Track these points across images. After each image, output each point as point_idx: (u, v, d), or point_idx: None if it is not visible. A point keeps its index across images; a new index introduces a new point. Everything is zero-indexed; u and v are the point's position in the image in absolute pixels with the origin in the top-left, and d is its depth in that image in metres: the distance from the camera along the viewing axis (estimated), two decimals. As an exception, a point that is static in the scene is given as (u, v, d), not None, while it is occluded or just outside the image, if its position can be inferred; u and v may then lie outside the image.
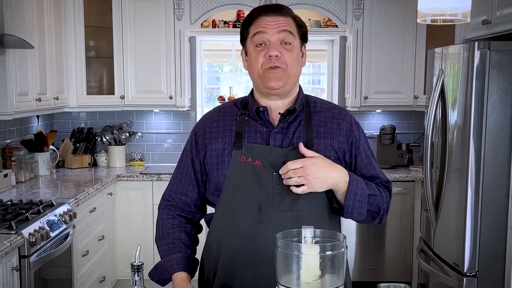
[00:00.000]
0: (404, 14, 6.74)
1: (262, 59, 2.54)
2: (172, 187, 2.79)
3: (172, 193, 2.77)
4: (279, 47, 2.52)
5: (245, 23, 2.63)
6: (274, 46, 2.52)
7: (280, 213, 2.51)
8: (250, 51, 2.61)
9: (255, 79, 2.62)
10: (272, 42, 2.52)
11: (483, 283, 4.42)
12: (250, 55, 2.62)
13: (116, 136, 7.18)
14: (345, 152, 2.64)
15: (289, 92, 2.64)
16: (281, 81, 2.54)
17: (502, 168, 4.31)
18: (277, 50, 2.51)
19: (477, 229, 4.40)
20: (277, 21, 2.53)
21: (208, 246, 2.68)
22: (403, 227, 6.63)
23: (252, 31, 2.58)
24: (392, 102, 6.93)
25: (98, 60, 7.04)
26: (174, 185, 2.78)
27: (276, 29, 2.52)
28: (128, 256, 6.51)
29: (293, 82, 2.63)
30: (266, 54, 2.52)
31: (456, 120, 4.56)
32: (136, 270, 1.94)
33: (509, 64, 4.25)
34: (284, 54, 2.52)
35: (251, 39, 2.59)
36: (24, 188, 5.66)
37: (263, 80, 2.56)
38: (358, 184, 2.49)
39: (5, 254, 3.68)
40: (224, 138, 2.64)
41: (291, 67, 2.56)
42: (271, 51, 2.51)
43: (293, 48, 2.56)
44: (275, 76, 2.53)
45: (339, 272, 2.05)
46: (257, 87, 2.66)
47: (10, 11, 4.89)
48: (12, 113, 4.98)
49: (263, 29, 2.53)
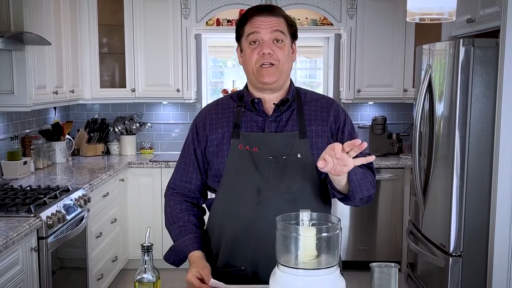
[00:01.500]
0: (394, 13, 6.72)
1: (256, 57, 2.58)
2: (177, 176, 2.80)
3: (177, 181, 2.79)
4: (271, 45, 2.56)
5: (240, 22, 2.67)
6: (267, 44, 2.56)
7: (277, 196, 2.53)
8: (245, 48, 2.65)
9: (250, 75, 2.66)
10: (265, 41, 2.56)
11: (467, 262, 4.43)
12: (245, 52, 2.65)
13: (127, 126, 7.19)
14: (333, 134, 2.67)
15: (281, 86, 2.67)
16: (274, 77, 2.58)
17: (485, 155, 4.31)
18: (269, 48, 2.55)
19: (462, 212, 4.40)
20: (269, 21, 2.57)
21: (210, 229, 2.70)
22: (393, 211, 6.63)
23: (247, 31, 2.61)
24: (383, 95, 6.92)
25: (110, 55, 7.03)
26: (178, 174, 2.80)
27: (269, 29, 2.56)
28: (138, 237, 6.52)
29: (285, 77, 2.67)
30: (259, 52, 2.56)
31: (443, 111, 4.56)
32: (146, 251, 1.94)
33: (492, 60, 4.24)
34: (276, 51, 2.56)
35: (246, 37, 2.62)
36: (42, 175, 5.66)
37: (257, 76, 2.60)
38: (355, 169, 2.43)
39: (24, 236, 3.69)
40: (223, 128, 2.66)
41: (283, 64, 2.60)
42: (264, 49, 2.55)
43: (285, 46, 2.60)
44: (268, 73, 2.57)
45: (334, 252, 2.05)
46: (251, 82, 2.69)
47: (29, 10, 4.89)
48: (31, 105, 4.97)
49: (257, 29, 2.57)
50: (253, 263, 2.55)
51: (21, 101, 4.91)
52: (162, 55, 6.85)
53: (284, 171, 2.53)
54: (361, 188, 2.47)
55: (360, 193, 2.48)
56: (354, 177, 2.43)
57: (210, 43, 7.69)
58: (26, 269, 3.79)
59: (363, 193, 2.49)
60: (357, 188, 2.46)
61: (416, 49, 5.59)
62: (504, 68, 4.03)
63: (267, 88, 2.63)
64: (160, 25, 6.80)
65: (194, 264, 2.53)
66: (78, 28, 6.39)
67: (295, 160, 2.55)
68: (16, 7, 4.78)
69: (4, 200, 4.25)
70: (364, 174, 2.54)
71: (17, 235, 3.56)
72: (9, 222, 3.77)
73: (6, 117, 5.45)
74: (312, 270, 2.01)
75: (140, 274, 1.93)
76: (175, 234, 2.69)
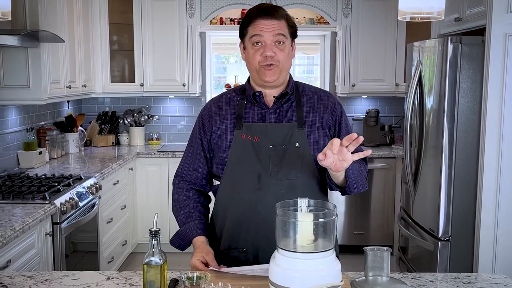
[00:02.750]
0: (387, 12, 6.71)
1: (259, 58, 2.58)
2: (184, 165, 2.80)
3: (185, 170, 2.79)
4: (273, 47, 2.57)
5: (244, 23, 2.66)
6: (269, 47, 2.57)
7: (276, 182, 2.54)
8: (248, 48, 2.65)
9: (252, 72, 2.67)
10: (267, 44, 2.57)
11: (455, 246, 4.43)
12: (248, 51, 2.65)
13: (136, 118, 7.18)
14: (330, 126, 2.69)
15: (281, 83, 2.68)
16: (275, 76, 2.60)
17: (472, 146, 4.30)
18: (271, 50, 2.56)
19: (450, 199, 4.40)
20: (272, 25, 2.57)
21: (215, 213, 2.71)
22: (385, 198, 6.63)
23: (251, 32, 2.61)
24: (376, 89, 6.92)
25: (120, 52, 7.02)
26: (186, 163, 2.79)
27: (271, 33, 2.56)
28: (146, 222, 6.54)
29: (285, 74, 2.68)
30: (262, 53, 2.57)
31: (432, 104, 4.55)
32: (154, 235, 1.94)
33: (478, 56, 4.23)
34: (277, 53, 2.57)
35: (249, 38, 2.62)
36: (56, 164, 5.66)
37: (260, 75, 2.61)
38: (352, 166, 2.47)
39: (40, 221, 3.69)
40: (227, 120, 2.67)
41: (283, 64, 2.61)
42: (267, 52, 2.56)
43: (285, 47, 2.61)
44: (270, 73, 2.59)
45: (330, 236, 2.06)
46: (253, 78, 2.70)
47: (44, 10, 4.88)
48: (46, 98, 4.97)
49: (260, 32, 2.57)
50: (254, 245, 2.55)
51: (36, 95, 4.91)
52: (169, 52, 6.85)
53: (283, 159, 2.54)
54: (357, 184, 2.55)
55: (356, 188, 2.56)
56: (351, 173, 2.49)
57: (213, 40, 7.68)
58: (41, 252, 3.79)
59: (358, 189, 2.57)
60: (353, 184, 2.54)
61: (407, 46, 5.58)
62: (489, 64, 4.04)
63: (268, 85, 2.64)
64: (167, 23, 6.79)
65: (199, 249, 2.54)
66: (90, 26, 6.39)
67: (294, 149, 2.56)
68: (32, 6, 4.78)
69: (21, 188, 4.25)
70: (359, 170, 2.58)
71: (33, 220, 3.56)
72: (25, 208, 3.77)
73: (22, 110, 5.45)
74: (309, 254, 2.01)
75: (148, 257, 1.93)
76: (181, 219, 2.70)
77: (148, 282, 1.91)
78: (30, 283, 2.35)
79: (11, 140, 5.22)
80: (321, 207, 2.13)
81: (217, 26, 7.10)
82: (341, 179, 2.50)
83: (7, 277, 2.42)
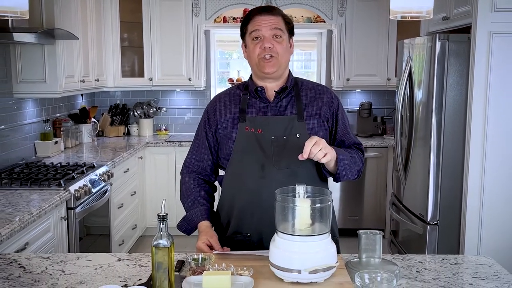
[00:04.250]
0: (379, 12, 6.70)
1: (258, 50, 2.59)
2: (191, 156, 2.81)
3: (192, 161, 2.79)
4: (271, 40, 2.58)
5: (244, 22, 2.68)
6: (268, 39, 2.58)
7: (279, 171, 2.53)
8: (248, 44, 2.66)
9: (253, 66, 2.67)
10: (266, 37, 2.58)
11: (443, 229, 4.43)
12: (248, 47, 2.66)
13: (145, 110, 7.17)
14: (328, 118, 2.69)
15: (281, 75, 2.67)
16: (274, 68, 2.60)
17: (458, 136, 4.30)
18: (270, 42, 2.57)
19: (438, 186, 4.40)
20: (269, 20, 2.59)
21: (222, 200, 2.71)
22: (378, 185, 6.63)
23: (250, 29, 2.63)
24: (369, 83, 6.91)
25: (130, 49, 7.01)
26: (193, 154, 2.80)
27: (269, 27, 2.58)
28: (155, 208, 6.54)
29: (284, 67, 2.67)
30: (261, 46, 2.58)
31: (421, 97, 4.54)
32: (162, 219, 1.94)
33: (464, 52, 4.23)
34: (275, 45, 2.58)
35: (249, 34, 2.64)
36: (71, 153, 5.65)
37: (260, 67, 2.61)
38: (344, 155, 2.52)
39: (55, 206, 3.69)
40: (231, 114, 2.67)
41: (282, 56, 2.61)
42: (265, 44, 2.57)
43: (283, 40, 2.61)
44: (269, 64, 2.58)
45: (326, 221, 2.06)
46: (255, 72, 2.70)
47: (59, 9, 4.88)
48: (61, 92, 4.97)
49: (258, 27, 2.59)
50: (258, 230, 2.55)
51: (52, 89, 4.92)
52: (176, 48, 6.84)
53: (284, 149, 2.54)
54: (346, 172, 2.56)
55: (345, 176, 2.57)
56: (341, 162, 2.50)
57: (217, 37, 7.66)
58: (56, 235, 3.79)
59: (347, 177, 2.58)
60: (343, 172, 2.55)
61: (398, 43, 5.58)
62: (475, 60, 4.04)
63: (268, 77, 2.64)
64: (174, 22, 6.78)
65: (203, 232, 2.55)
66: (102, 25, 6.39)
67: (295, 139, 2.55)
68: (48, 6, 4.79)
69: (38, 175, 4.25)
70: (352, 159, 2.58)
71: (49, 206, 3.56)
72: (41, 194, 3.77)
73: (39, 102, 5.44)
74: (307, 237, 2.02)
75: (157, 240, 1.92)
76: (187, 206, 2.71)
77: (157, 263, 1.91)
78: (46, 264, 2.35)
79: (28, 130, 5.22)
80: (318, 193, 2.13)
81: (221, 24, 7.09)
82: (331, 167, 2.52)
83: (25, 259, 2.42)
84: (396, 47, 6.45)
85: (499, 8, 3.97)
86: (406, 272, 2.26)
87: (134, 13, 6.81)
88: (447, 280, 2.19)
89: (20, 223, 3.13)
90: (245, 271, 2.09)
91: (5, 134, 4.77)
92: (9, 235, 3.00)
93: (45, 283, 2.13)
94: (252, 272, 2.08)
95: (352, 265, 2.23)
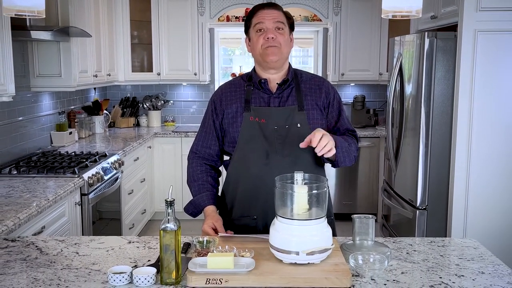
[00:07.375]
0: (372, 11, 6.69)
1: (262, 41, 2.59)
2: (198, 143, 2.79)
3: (199, 147, 2.77)
4: (274, 31, 2.58)
5: (248, 16, 2.69)
6: (271, 31, 2.58)
7: (281, 158, 2.53)
8: (252, 36, 2.66)
9: (257, 56, 2.66)
10: (269, 28, 2.58)
11: (431, 214, 4.43)
12: (252, 39, 2.66)
13: (154, 103, 7.17)
14: (325, 107, 2.68)
15: (282, 65, 2.67)
16: (277, 56, 2.59)
17: (446, 127, 4.29)
18: (272, 33, 2.57)
19: (427, 173, 4.40)
20: (272, 14, 2.61)
21: (227, 184, 2.71)
22: (371, 172, 6.63)
23: (254, 21, 2.63)
24: (363, 78, 6.91)
25: (140, 46, 7.00)
26: (200, 141, 2.78)
27: (272, 20, 2.59)
28: (163, 194, 6.54)
29: (285, 58, 2.67)
30: (265, 36, 2.58)
31: (411, 91, 4.53)
32: (169, 205, 1.94)
33: (451, 49, 4.22)
34: (278, 36, 2.58)
35: (253, 27, 2.64)
36: (84, 143, 5.65)
37: (263, 56, 2.60)
38: (342, 143, 2.51)
39: (70, 193, 3.69)
40: (236, 103, 2.66)
41: (283, 46, 2.61)
42: (268, 34, 2.57)
43: (284, 32, 2.62)
44: (272, 52, 2.58)
45: (322, 206, 2.05)
46: (258, 62, 2.69)
47: (74, 9, 4.88)
48: (75, 86, 4.98)
49: (262, 20, 2.60)
50: (263, 213, 2.55)
51: (67, 83, 4.92)
52: (182, 45, 6.83)
53: (286, 138, 2.54)
54: (344, 159, 2.54)
55: (343, 163, 2.55)
56: (339, 149, 2.47)
57: (221, 35, 7.65)
58: (71, 219, 3.79)
59: (345, 163, 2.56)
60: (341, 158, 2.52)
61: (389, 40, 5.58)
62: (461, 56, 4.05)
63: (271, 66, 2.63)
64: (180, 20, 6.77)
65: (209, 216, 2.55)
66: (113, 23, 6.38)
67: (296, 128, 2.55)
68: (63, 5, 4.81)
69: (53, 164, 4.25)
70: (349, 147, 2.56)
71: (64, 192, 3.56)
72: (57, 181, 3.77)
73: (55, 95, 5.44)
74: (304, 221, 2.01)
75: (164, 224, 1.92)
76: (194, 190, 2.70)
77: (164, 246, 1.91)
78: (62, 246, 2.35)
79: (45, 122, 5.21)
80: (315, 180, 2.12)
81: (224, 23, 7.07)
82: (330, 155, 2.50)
83: (41, 241, 2.42)
84: (388, 44, 6.44)
85: (483, 7, 3.98)
86: (397, 254, 2.26)
87: (143, 12, 6.80)
88: (435, 261, 2.18)
89: (37, 208, 3.13)
90: (246, 253, 2.08)
91: (23, 125, 4.77)
92: (27, 219, 3.00)
93: (61, 264, 2.13)
94: (253, 253, 2.08)
95: (346, 247, 2.23)
